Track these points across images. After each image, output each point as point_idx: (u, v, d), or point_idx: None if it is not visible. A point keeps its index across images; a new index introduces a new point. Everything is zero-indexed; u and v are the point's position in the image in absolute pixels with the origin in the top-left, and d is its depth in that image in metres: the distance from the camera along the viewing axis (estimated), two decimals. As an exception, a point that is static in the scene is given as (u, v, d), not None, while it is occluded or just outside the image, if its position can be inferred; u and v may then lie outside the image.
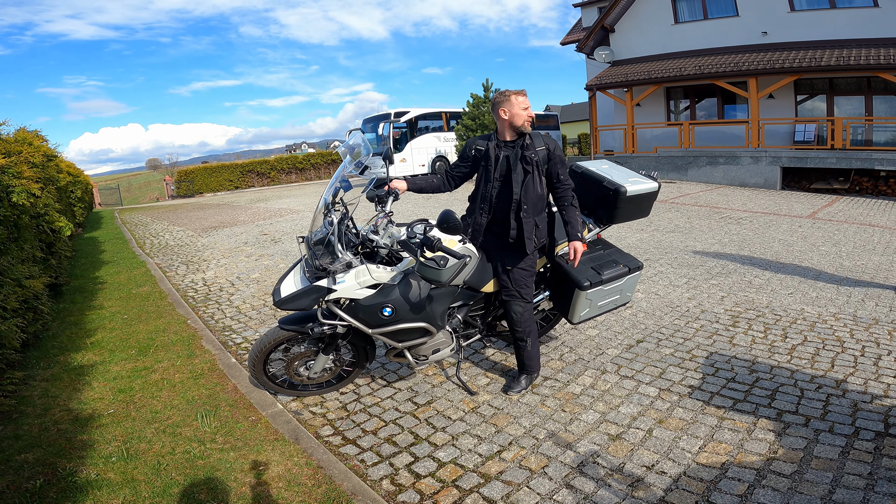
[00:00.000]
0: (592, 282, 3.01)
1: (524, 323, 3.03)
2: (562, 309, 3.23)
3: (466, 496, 2.31)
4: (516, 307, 3.01)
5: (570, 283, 3.08)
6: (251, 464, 2.57)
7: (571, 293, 3.06)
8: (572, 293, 3.05)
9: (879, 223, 8.05)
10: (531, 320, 3.07)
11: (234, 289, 5.77)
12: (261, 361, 3.00)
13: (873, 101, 12.76)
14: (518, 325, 3.03)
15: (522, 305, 3.01)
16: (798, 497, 2.15)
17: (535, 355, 3.14)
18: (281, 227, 9.92)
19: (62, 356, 3.96)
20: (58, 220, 6.07)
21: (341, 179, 2.89)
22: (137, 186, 45.41)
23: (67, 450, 2.70)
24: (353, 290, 2.71)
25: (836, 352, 3.52)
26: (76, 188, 11.96)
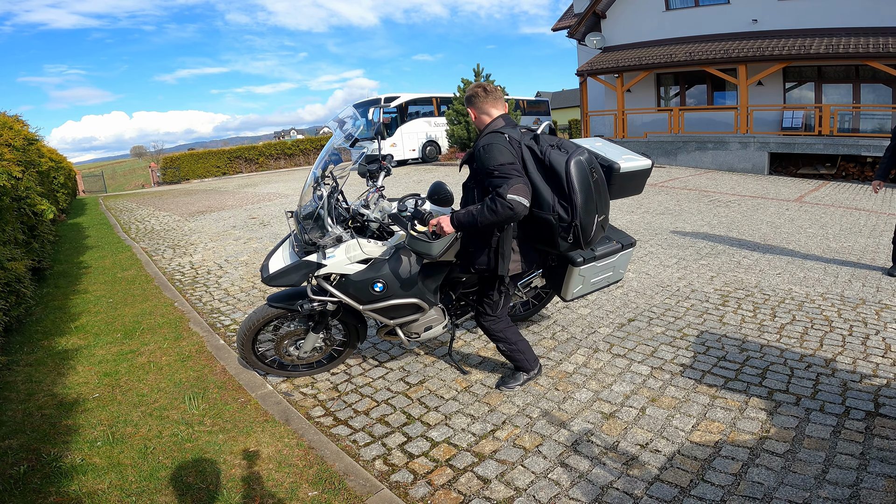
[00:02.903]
0: (586, 258, 2.99)
1: (491, 333, 2.86)
2: (555, 286, 3.21)
3: (460, 475, 2.30)
4: (481, 321, 2.85)
5: (563, 260, 3.06)
6: (241, 446, 2.53)
7: (564, 270, 3.04)
8: (565, 270, 3.03)
9: (865, 207, 8.14)
10: (499, 329, 2.83)
11: (222, 271, 5.68)
12: (249, 340, 2.95)
13: (861, 90, 12.85)
14: (487, 334, 2.90)
15: (487, 319, 2.81)
16: (792, 476, 2.16)
17: (521, 355, 2.91)
18: (270, 210, 9.80)
19: (46, 341, 3.88)
20: (40, 204, 5.92)
21: (331, 153, 2.82)
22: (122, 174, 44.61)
23: (52, 435, 2.64)
24: (344, 265, 2.65)
25: (824, 331, 3.54)
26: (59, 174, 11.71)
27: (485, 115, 2.54)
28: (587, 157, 2.38)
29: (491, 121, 2.52)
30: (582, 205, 2.34)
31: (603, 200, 2.48)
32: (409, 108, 18.89)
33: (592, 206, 2.39)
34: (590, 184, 2.36)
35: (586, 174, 2.34)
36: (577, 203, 2.32)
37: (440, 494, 2.19)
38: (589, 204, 2.37)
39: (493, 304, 2.76)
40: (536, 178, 2.36)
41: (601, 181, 2.45)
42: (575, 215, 2.34)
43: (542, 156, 2.36)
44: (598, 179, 2.44)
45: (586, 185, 2.34)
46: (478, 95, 2.54)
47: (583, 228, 2.38)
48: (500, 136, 2.38)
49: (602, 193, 2.47)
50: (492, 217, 2.29)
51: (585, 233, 2.40)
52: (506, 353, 2.93)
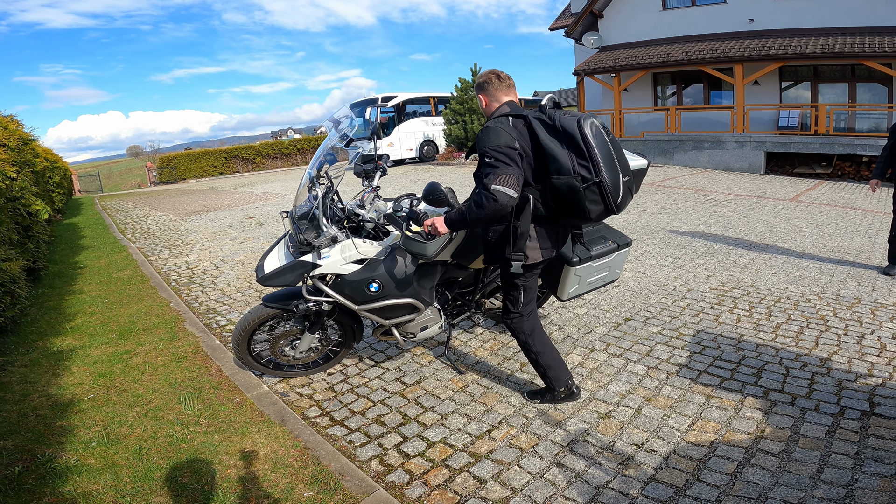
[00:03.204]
0: (581, 257, 2.99)
1: (515, 334, 2.70)
2: (551, 285, 3.21)
3: (456, 475, 2.30)
4: (504, 320, 2.73)
5: (559, 259, 3.06)
6: (236, 446, 2.52)
7: (560, 269, 3.04)
8: (561, 269, 3.03)
9: (861, 206, 8.16)
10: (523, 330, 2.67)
11: (218, 272, 5.67)
12: (245, 340, 2.94)
13: (857, 89, 12.90)
14: (513, 336, 2.73)
15: (510, 317, 2.68)
16: (787, 476, 2.16)
17: (544, 369, 2.71)
18: (266, 210, 9.78)
19: (41, 341, 3.86)
20: (34, 204, 5.90)
21: (326, 152, 2.81)
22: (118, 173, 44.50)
23: (46, 436, 2.63)
24: (339, 266, 2.65)
25: (819, 330, 3.55)
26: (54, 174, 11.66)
27: (495, 102, 2.48)
28: (598, 119, 2.29)
29: (499, 107, 2.46)
30: (604, 160, 2.20)
31: (622, 161, 2.32)
32: (407, 108, 18.88)
33: (614, 163, 2.25)
34: (605, 141, 2.24)
35: (599, 131, 2.24)
36: (598, 158, 2.19)
37: (436, 495, 2.19)
38: (610, 161, 2.23)
39: (514, 300, 2.62)
40: (550, 143, 2.25)
41: (616, 141, 2.33)
42: (598, 171, 2.20)
43: (552, 120, 2.27)
44: (613, 139, 2.31)
45: (603, 141, 2.23)
46: (490, 82, 2.47)
47: (611, 187, 2.22)
48: (503, 120, 2.32)
49: (619, 153, 2.31)
50: (479, 212, 2.22)
51: (614, 192, 2.24)
52: (531, 364, 2.76)
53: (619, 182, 2.26)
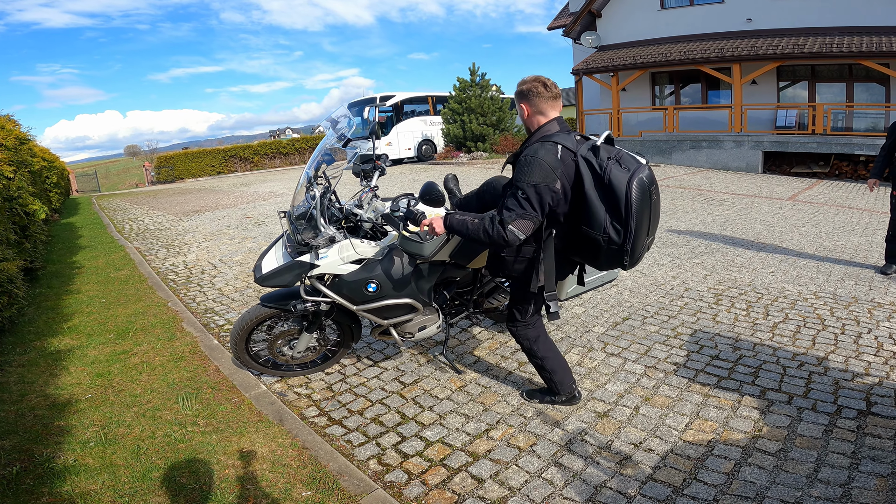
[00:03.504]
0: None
1: (520, 340, 2.67)
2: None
3: (455, 475, 2.30)
4: (510, 327, 2.69)
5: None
6: (234, 446, 2.52)
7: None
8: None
9: (858, 206, 8.18)
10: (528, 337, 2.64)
11: (216, 271, 5.66)
12: (243, 340, 2.94)
13: (854, 88, 12.93)
14: (517, 341, 2.71)
15: (516, 325, 2.64)
16: (784, 475, 2.17)
17: (548, 374, 2.69)
18: (264, 210, 9.77)
19: (38, 341, 3.85)
20: (31, 204, 5.89)
21: (324, 152, 2.81)
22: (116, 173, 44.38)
23: (44, 436, 2.63)
24: (337, 266, 2.65)
25: (816, 330, 3.56)
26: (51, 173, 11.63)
27: (540, 116, 2.26)
28: (649, 174, 2.15)
29: (546, 123, 2.25)
30: (638, 226, 2.12)
31: (655, 221, 2.26)
32: (405, 107, 18.87)
33: (645, 228, 2.17)
34: (648, 206, 2.14)
35: (647, 196, 2.12)
36: (633, 227, 2.10)
37: (434, 494, 2.19)
38: (641, 228, 2.14)
39: (522, 311, 2.59)
40: (592, 194, 2.13)
41: (658, 201, 2.24)
42: (627, 239, 2.13)
43: (601, 171, 2.11)
44: (657, 200, 2.21)
45: (645, 204, 2.12)
46: (537, 92, 2.23)
47: (632, 252, 2.17)
48: (552, 147, 2.14)
49: (656, 214, 2.25)
50: (484, 237, 2.20)
51: (634, 255, 2.20)
52: (536, 369, 2.74)
53: (643, 245, 2.22)
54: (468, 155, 17.19)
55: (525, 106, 2.28)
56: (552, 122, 2.25)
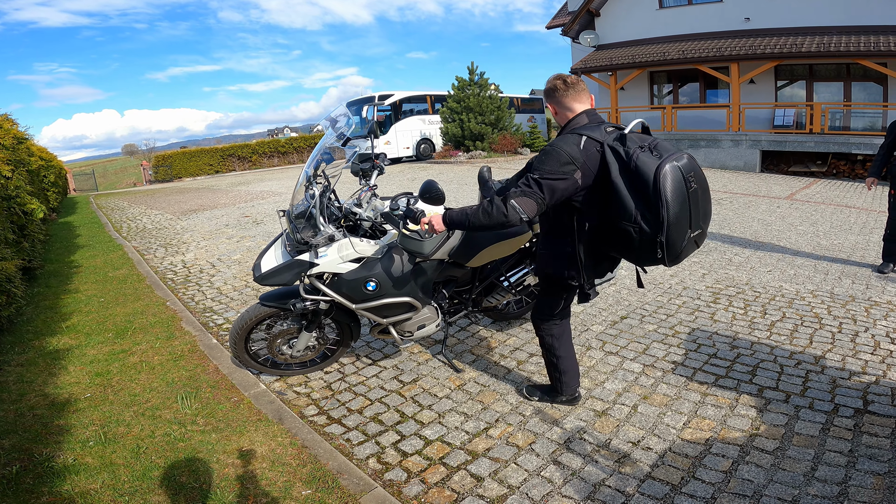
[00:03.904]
0: None
1: (541, 332, 2.66)
2: None
3: (454, 473, 2.31)
4: (536, 318, 2.67)
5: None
6: (234, 445, 2.52)
7: None
8: None
9: (856, 205, 8.21)
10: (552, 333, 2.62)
11: (214, 270, 5.66)
12: (242, 339, 2.95)
13: (852, 88, 12.96)
14: (537, 332, 2.70)
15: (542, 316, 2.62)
16: (781, 474, 2.18)
17: (558, 374, 2.67)
18: (263, 209, 9.76)
19: (37, 340, 3.85)
20: (30, 203, 5.88)
21: (323, 151, 2.82)
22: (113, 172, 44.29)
23: (44, 435, 2.63)
24: (336, 264, 2.65)
25: (814, 328, 3.58)
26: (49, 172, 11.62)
27: (567, 111, 2.24)
28: (686, 162, 2.01)
29: (574, 117, 2.23)
30: (672, 219, 1.97)
31: (700, 214, 2.09)
32: (404, 106, 18.87)
33: (685, 220, 2.02)
34: (685, 195, 1.98)
35: (682, 184, 1.97)
36: (665, 217, 1.96)
37: (434, 492, 2.20)
38: (681, 219, 1.99)
39: (551, 304, 2.57)
40: (619, 182, 2.03)
41: (702, 191, 2.07)
42: (660, 230, 1.98)
43: (628, 158, 2.02)
44: (698, 189, 2.05)
45: (681, 194, 1.97)
46: (557, 89, 2.24)
47: (668, 245, 2.01)
48: (576, 138, 2.11)
49: (701, 206, 2.08)
50: (485, 219, 2.16)
51: (671, 249, 2.03)
52: (547, 365, 2.73)
53: (683, 239, 2.04)
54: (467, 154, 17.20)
55: (551, 105, 2.30)
56: (581, 115, 2.23)
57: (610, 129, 2.17)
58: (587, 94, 2.27)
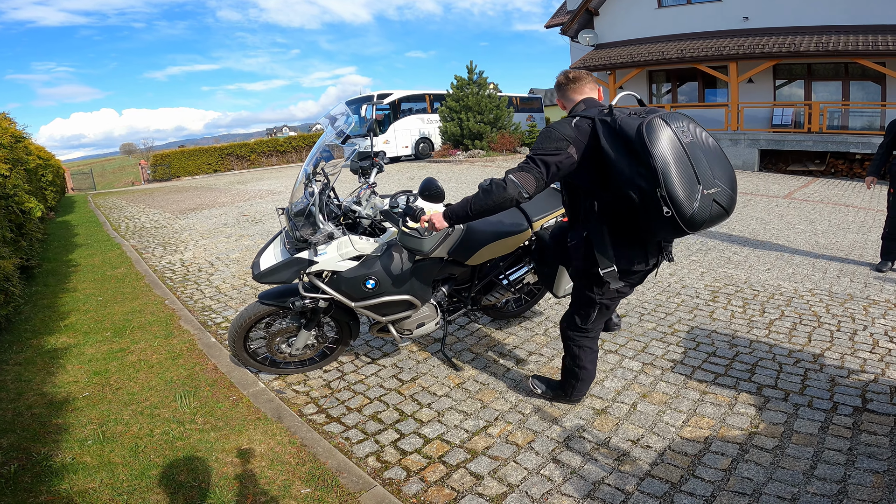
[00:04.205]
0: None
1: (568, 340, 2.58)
2: (546, 282, 3.23)
3: (453, 472, 2.30)
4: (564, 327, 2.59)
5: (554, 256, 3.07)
6: (233, 444, 2.52)
7: (556, 266, 3.05)
8: (556, 266, 3.04)
9: (854, 203, 8.22)
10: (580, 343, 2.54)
11: (213, 269, 5.65)
12: (241, 338, 2.94)
13: (850, 87, 12.97)
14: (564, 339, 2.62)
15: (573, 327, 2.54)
16: (780, 472, 2.18)
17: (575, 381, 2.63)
18: (261, 207, 9.75)
19: (35, 339, 3.84)
20: (27, 202, 5.87)
21: (323, 149, 2.81)
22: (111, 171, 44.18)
23: (42, 434, 2.62)
24: (336, 262, 2.65)
25: (812, 327, 3.58)
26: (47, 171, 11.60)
27: (569, 103, 2.33)
28: (669, 114, 1.96)
29: (573, 106, 2.30)
30: (665, 168, 1.87)
31: (709, 169, 1.94)
32: (402, 105, 18.86)
33: (688, 173, 1.90)
34: (679, 148, 1.90)
35: (671, 135, 1.91)
36: (658, 167, 1.87)
37: (433, 491, 2.19)
38: (681, 171, 1.89)
39: (584, 316, 2.47)
40: (609, 149, 2.01)
41: (703, 146, 1.95)
42: (657, 183, 1.89)
43: (614, 123, 2.01)
44: (695, 144, 1.94)
45: (672, 147, 1.89)
46: (559, 85, 2.34)
47: (674, 200, 1.88)
48: (565, 121, 2.17)
49: (706, 161, 1.94)
50: (485, 198, 2.14)
51: (680, 206, 1.89)
52: (565, 368, 2.66)
53: (694, 195, 1.90)
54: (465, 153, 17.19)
55: (559, 100, 2.40)
56: (579, 103, 2.29)
57: (605, 109, 2.16)
58: (592, 85, 2.32)
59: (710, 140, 2.01)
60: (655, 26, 15.17)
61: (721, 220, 2.01)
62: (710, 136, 2.01)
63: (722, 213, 1.99)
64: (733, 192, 2.00)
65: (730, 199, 2.00)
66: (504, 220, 3.13)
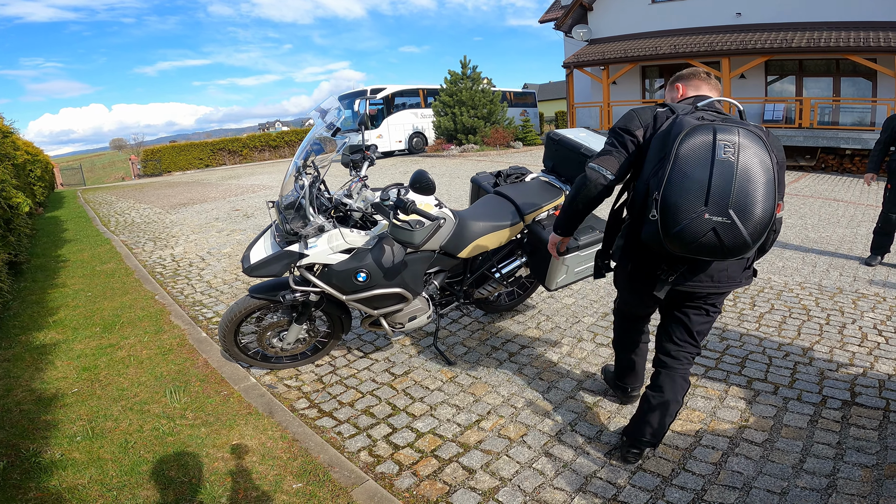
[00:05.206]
0: (569, 247, 3.00)
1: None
2: (538, 275, 3.23)
3: (446, 466, 2.30)
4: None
5: (546, 249, 3.07)
6: (224, 439, 2.50)
7: (548, 259, 3.05)
8: (549, 259, 3.05)
9: (844, 198, 8.28)
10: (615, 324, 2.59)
11: (204, 263, 5.61)
12: (231, 332, 2.92)
13: (841, 83, 13.06)
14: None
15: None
16: (770, 465, 2.19)
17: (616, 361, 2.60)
18: (253, 202, 9.69)
19: (24, 336, 3.79)
20: (15, 196, 5.79)
21: (313, 142, 2.79)
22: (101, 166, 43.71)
23: (31, 431, 2.60)
24: (326, 255, 2.63)
25: (802, 320, 3.61)
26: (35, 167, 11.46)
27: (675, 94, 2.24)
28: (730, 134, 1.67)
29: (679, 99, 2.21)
30: (675, 177, 1.70)
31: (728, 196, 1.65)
32: (396, 100, 18.79)
33: (697, 190, 1.67)
34: (708, 161, 1.66)
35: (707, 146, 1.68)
36: (667, 173, 1.72)
37: (425, 485, 2.19)
38: (690, 184, 1.67)
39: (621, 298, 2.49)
40: (652, 144, 1.92)
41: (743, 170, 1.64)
42: (658, 187, 1.74)
43: (671, 119, 1.88)
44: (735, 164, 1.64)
45: (698, 159, 1.68)
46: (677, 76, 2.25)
47: (665, 208, 1.71)
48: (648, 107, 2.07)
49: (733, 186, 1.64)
50: (573, 191, 2.10)
51: (668, 216, 1.71)
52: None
53: (690, 211, 1.68)
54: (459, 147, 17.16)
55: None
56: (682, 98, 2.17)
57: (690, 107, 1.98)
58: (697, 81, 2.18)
59: (758, 170, 1.66)
60: (649, 22, 15.19)
61: (717, 256, 1.74)
62: (768, 168, 1.68)
63: (717, 248, 1.71)
64: (749, 233, 1.67)
65: (736, 237, 1.68)
66: (496, 213, 3.12)
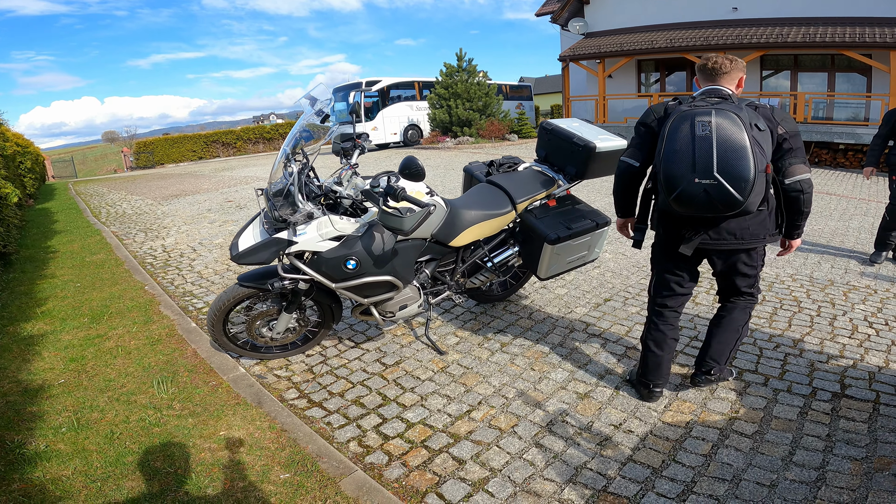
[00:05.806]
0: (560, 235, 2.99)
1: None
2: (530, 264, 3.21)
3: (436, 456, 2.29)
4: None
5: (538, 238, 3.05)
6: (211, 430, 2.48)
7: (540, 248, 3.03)
8: (540, 247, 3.02)
9: (836, 192, 8.31)
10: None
11: (195, 254, 5.56)
12: (220, 321, 2.88)
13: (836, 78, 13.09)
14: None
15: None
16: (760, 458, 2.19)
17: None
18: (246, 193, 9.61)
19: (11, 326, 3.75)
20: (4, 187, 5.72)
21: (302, 129, 2.75)
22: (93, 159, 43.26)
23: (16, 422, 2.56)
24: (316, 243, 2.60)
25: (793, 312, 3.61)
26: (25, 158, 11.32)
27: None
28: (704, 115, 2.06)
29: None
30: (667, 153, 2.13)
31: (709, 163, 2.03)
32: (391, 92, 18.69)
33: (686, 161, 2.08)
34: (689, 137, 2.07)
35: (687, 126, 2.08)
36: (660, 149, 2.17)
37: (415, 475, 2.18)
38: (680, 157, 2.09)
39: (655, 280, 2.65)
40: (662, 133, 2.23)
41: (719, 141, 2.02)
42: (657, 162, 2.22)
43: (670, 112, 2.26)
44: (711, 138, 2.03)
45: (681, 136, 2.09)
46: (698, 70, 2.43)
47: (666, 177, 2.14)
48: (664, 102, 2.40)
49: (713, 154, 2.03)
50: (614, 182, 2.54)
51: (670, 182, 2.13)
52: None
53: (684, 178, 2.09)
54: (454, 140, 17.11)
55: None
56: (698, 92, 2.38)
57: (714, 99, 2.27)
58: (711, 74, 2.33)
59: (734, 139, 2.03)
60: (645, 15, 15.15)
61: (717, 211, 2.13)
62: (741, 138, 2.02)
63: (711, 204, 2.10)
64: (736, 189, 2.04)
65: (725, 194, 2.06)
66: (488, 202, 3.10)
